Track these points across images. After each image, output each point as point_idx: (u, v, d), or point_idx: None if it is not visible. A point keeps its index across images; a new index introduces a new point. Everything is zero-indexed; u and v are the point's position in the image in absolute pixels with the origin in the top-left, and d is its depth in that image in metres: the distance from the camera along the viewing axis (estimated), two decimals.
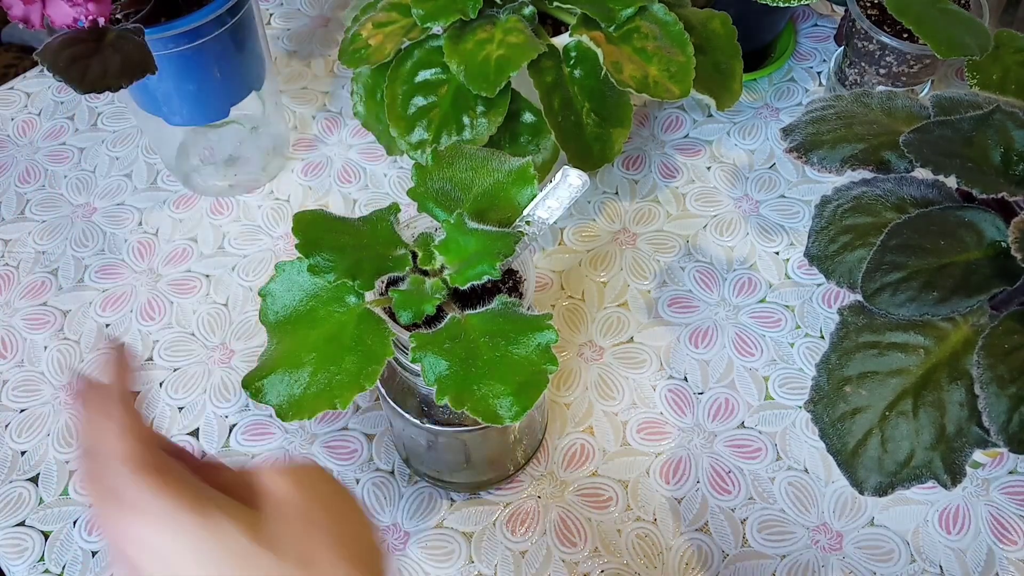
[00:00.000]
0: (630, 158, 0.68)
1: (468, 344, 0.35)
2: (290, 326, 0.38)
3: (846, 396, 0.38)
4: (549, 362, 0.34)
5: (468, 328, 0.36)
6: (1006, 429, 0.35)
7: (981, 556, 0.49)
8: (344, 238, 0.38)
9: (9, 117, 0.72)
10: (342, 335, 0.37)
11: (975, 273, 0.38)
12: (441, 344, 0.35)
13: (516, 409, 0.33)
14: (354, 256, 0.37)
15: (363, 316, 0.37)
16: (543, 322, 0.35)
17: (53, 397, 0.56)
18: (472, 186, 0.41)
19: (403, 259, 0.39)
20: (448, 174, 0.41)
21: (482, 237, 0.38)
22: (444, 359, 0.35)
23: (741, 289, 0.60)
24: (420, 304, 0.37)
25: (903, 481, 0.37)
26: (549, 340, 0.35)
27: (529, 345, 0.35)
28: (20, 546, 0.50)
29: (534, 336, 0.35)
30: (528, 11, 0.52)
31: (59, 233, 0.64)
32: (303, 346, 0.37)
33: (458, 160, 0.41)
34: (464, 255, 0.38)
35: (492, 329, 0.36)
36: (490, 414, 0.33)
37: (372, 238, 0.39)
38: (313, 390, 0.36)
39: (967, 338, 0.38)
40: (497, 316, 0.36)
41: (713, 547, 0.50)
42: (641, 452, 0.53)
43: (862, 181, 0.43)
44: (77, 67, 0.47)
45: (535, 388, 0.34)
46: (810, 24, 0.77)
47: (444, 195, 0.40)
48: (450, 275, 0.38)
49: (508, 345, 0.35)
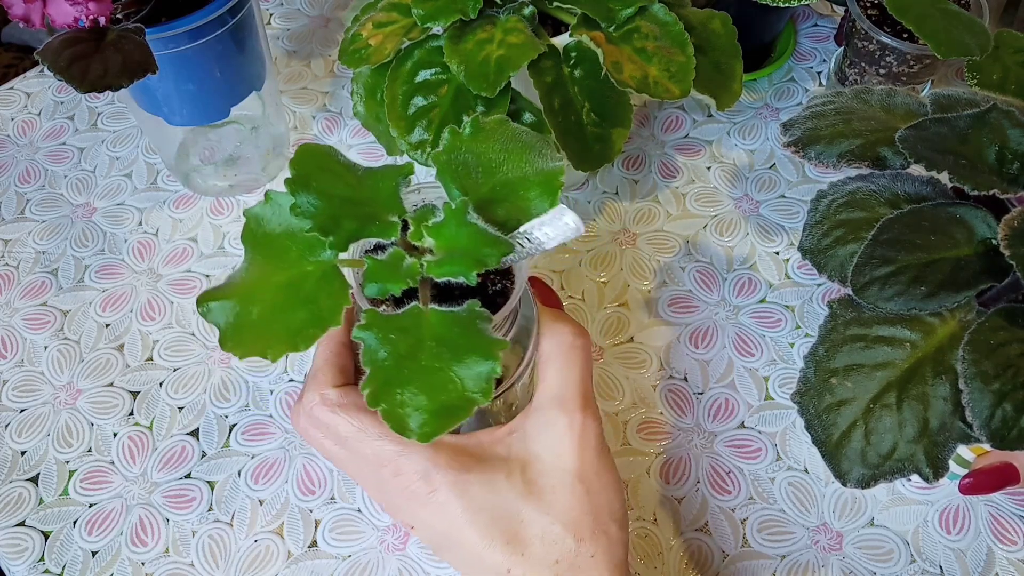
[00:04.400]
0: (630, 158, 0.68)
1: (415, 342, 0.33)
2: (261, 258, 0.35)
3: (832, 388, 0.39)
4: (482, 393, 0.31)
5: (425, 324, 0.33)
6: (989, 424, 0.35)
7: (981, 556, 0.49)
8: (340, 186, 0.35)
9: (9, 117, 0.72)
10: (302, 286, 0.34)
11: (964, 269, 0.38)
12: (389, 330, 0.33)
13: (427, 430, 0.31)
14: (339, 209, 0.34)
15: (329, 273, 0.34)
16: (494, 351, 0.32)
17: (53, 397, 0.56)
18: (497, 171, 0.37)
19: (392, 227, 0.35)
20: (481, 148, 0.37)
21: (475, 235, 0.34)
22: (385, 348, 0.32)
23: (741, 289, 0.60)
24: (389, 281, 0.34)
25: (886, 474, 0.37)
26: (491, 371, 0.32)
27: (471, 368, 0.32)
28: (20, 546, 0.50)
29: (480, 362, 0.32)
30: (528, 11, 0.52)
31: (59, 233, 0.64)
32: (263, 284, 0.35)
33: (497, 136, 0.37)
34: (452, 246, 0.35)
35: (446, 335, 0.33)
36: (400, 425, 0.31)
37: (369, 194, 0.36)
38: (251, 332, 0.33)
39: (954, 333, 0.38)
40: (458, 322, 0.33)
41: (713, 547, 0.50)
42: (641, 452, 0.53)
43: (858, 176, 0.43)
44: (78, 66, 0.47)
45: (455, 416, 0.31)
46: (810, 24, 0.77)
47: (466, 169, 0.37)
48: (428, 262, 0.35)
49: (452, 359, 0.32)
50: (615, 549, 0.38)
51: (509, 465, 0.38)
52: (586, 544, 0.37)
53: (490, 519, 0.36)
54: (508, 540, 0.36)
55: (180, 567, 0.49)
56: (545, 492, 0.37)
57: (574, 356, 0.39)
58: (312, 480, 0.52)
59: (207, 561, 0.50)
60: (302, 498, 0.52)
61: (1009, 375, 0.35)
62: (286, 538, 0.50)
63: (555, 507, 0.37)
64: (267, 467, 0.53)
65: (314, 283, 0.34)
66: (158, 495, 0.52)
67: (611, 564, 0.37)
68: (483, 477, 0.37)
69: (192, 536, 0.50)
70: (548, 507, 0.37)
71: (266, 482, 0.52)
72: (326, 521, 0.51)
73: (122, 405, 0.55)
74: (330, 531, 0.51)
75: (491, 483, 0.37)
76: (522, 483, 0.37)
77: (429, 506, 0.37)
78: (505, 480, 0.37)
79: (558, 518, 0.37)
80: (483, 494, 0.37)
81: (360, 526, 0.51)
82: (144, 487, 0.52)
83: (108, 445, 0.54)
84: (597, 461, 0.38)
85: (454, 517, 0.36)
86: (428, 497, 0.37)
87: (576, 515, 0.37)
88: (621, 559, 0.38)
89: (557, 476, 0.37)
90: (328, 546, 0.50)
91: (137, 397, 0.56)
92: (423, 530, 0.38)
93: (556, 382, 0.39)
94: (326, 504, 0.51)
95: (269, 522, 0.51)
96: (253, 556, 0.50)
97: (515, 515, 0.37)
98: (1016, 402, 0.35)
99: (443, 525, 0.37)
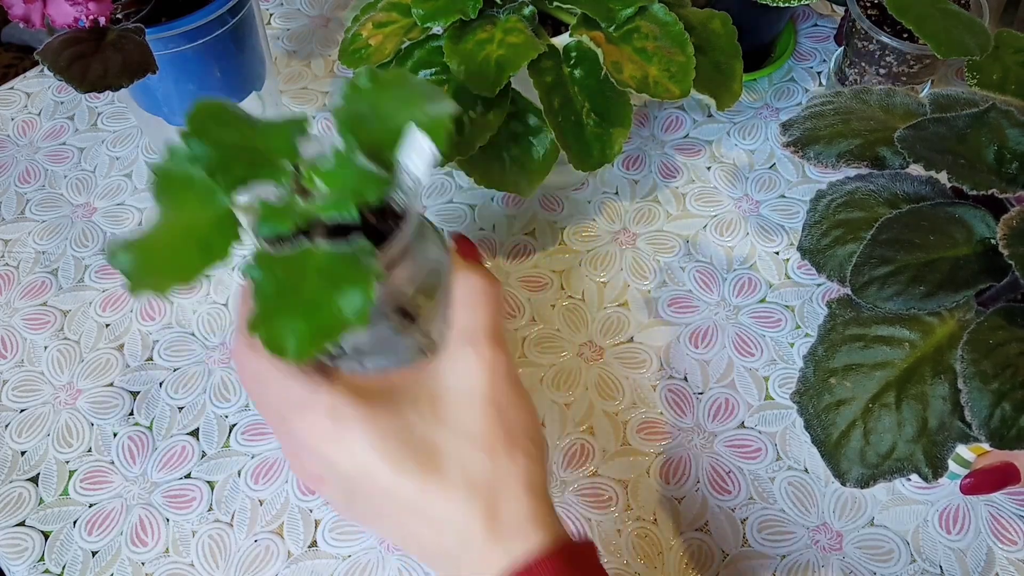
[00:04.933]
0: (630, 158, 0.68)
1: (300, 276, 0.35)
2: (166, 208, 0.37)
3: (831, 388, 0.39)
4: (357, 317, 0.34)
5: (311, 260, 0.35)
6: (988, 424, 0.35)
7: (981, 556, 0.49)
8: (234, 136, 0.37)
9: (9, 117, 0.72)
10: (197, 229, 0.36)
11: (963, 269, 0.38)
12: (276, 267, 0.35)
13: (301, 349, 0.33)
14: (231, 156, 0.36)
15: (222, 216, 0.36)
16: (370, 279, 0.34)
17: (53, 397, 0.56)
18: (391, 119, 0.39)
19: (284, 172, 0.37)
20: (377, 99, 0.39)
21: (359, 174, 0.37)
22: (272, 281, 0.35)
23: (741, 289, 0.60)
24: (280, 221, 0.36)
25: (885, 473, 0.37)
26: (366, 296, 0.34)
27: (348, 295, 0.34)
28: (20, 546, 0.50)
29: (356, 289, 0.34)
30: (528, 11, 0.52)
31: (59, 233, 0.64)
32: (165, 231, 0.37)
33: (394, 87, 0.40)
34: (339, 187, 0.37)
35: (329, 268, 0.35)
36: (278, 347, 0.33)
37: (263, 143, 0.38)
38: (148, 273, 0.36)
39: (952, 333, 0.38)
40: (342, 257, 0.35)
41: (713, 547, 0.50)
42: (641, 452, 0.53)
43: (857, 176, 0.43)
44: (78, 66, 0.47)
45: (328, 335, 0.34)
46: (810, 24, 0.77)
47: (361, 120, 0.39)
48: (320, 201, 0.37)
49: (332, 289, 0.34)
50: (533, 467, 0.38)
51: (419, 398, 0.38)
52: (501, 461, 0.37)
53: (400, 446, 0.36)
54: (420, 465, 0.36)
55: (180, 567, 0.49)
56: (456, 417, 0.37)
57: (484, 299, 0.40)
58: None
59: (207, 561, 0.50)
60: (302, 498, 0.52)
61: (1008, 375, 0.36)
62: (286, 538, 0.50)
63: (466, 429, 0.37)
64: (267, 467, 0.53)
65: (208, 226, 0.36)
66: (158, 495, 0.52)
67: (529, 482, 0.37)
68: (392, 408, 0.37)
69: (192, 536, 0.50)
70: (459, 430, 0.37)
71: (266, 482, 0.52)
72: (326, 521, 0.51)
73: (122, 405, 0.55)
74: (330, 531, 0.51)
75: (400, 414, 0.37)
76: (432, 412, 0.37)
77: (338, 443, 0.37)
78: (415, 410, 0.37)
79: (470, 439, 0.37)
80: (392, 424, 0.37)
81: (360, 526, 0.51)
82: (144, 487, 0.52)
83: (108, 445, 0.54)
84: (508, 387, 0.39)
85: (363, 450, 0.36)
86: (336, 433, 0.37)
87: (489, 435, 0.37)
88: (539, 478, 0.38)
89: (467, 401, 0.38)
90: (328, 546, 0.50)
91: (137, 397, 0.56)
92: (333, 479, 0.38)
93: (466, 322, 0.39)
94: (326, 504, 0.51)
95: (269, 522, 0.51)
96: (253, 556, 0.50)
97: (426, 441, 0.37)
98: (1015, 401, 0.35)
99: (352, 462, 0.37)
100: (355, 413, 0.37)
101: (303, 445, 0.38)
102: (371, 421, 0.37)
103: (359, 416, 0.37)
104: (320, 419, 0.37)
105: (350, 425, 0.36)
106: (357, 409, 0.37)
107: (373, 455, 0.36)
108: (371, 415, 0.37)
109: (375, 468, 0.36)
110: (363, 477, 0.37)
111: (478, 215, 0.65)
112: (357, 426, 0.36)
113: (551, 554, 0.36)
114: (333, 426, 0.37)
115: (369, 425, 0.36)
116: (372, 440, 0.36)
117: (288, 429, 0.38)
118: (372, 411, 0.37)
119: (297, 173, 0.37)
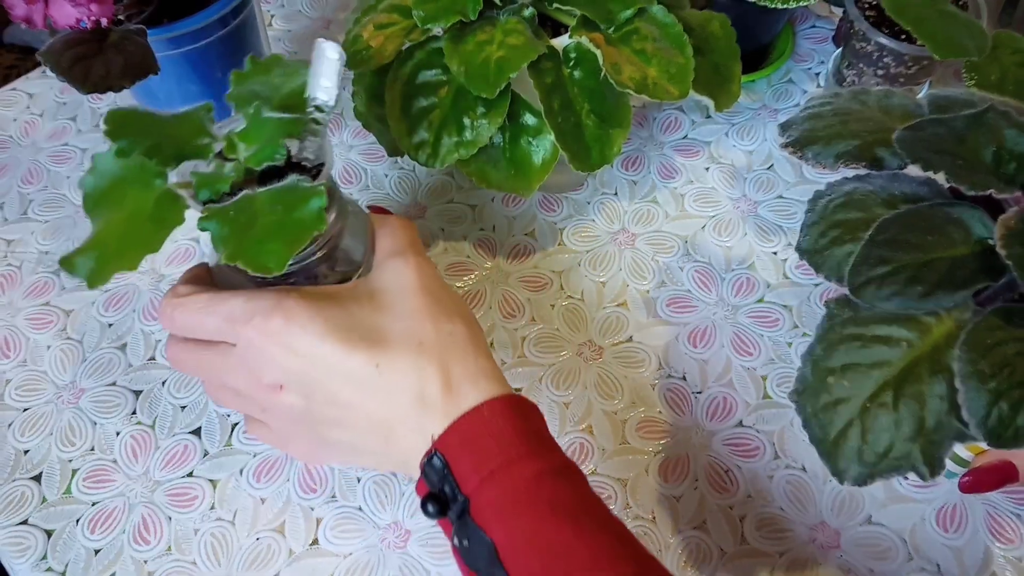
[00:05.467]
0: (629, 159, 0.68)
1: (251, 213, 0.39)
2: (103, 210, 0.41)
3: (829, 387, 0.39)
4: (317, 220, 0.38)
5: (257, 201, 0.40)
6: (985, 423, 0.35)
7: (978, 555, 0.50)
8: (153, 127, 0.42)
9: (11, 118, 0.72)
10: (142, 212, 0.40)
11: (960, 269, 0.38)
12: (227, 213, 0.39)
13: (281, 257, 0.37)
14: (158, 141, 0.41)
15: (163, 196, 0.40)
16: (316, 190, 0.39)
17: (56, 396, 0.56)
18: (281, 89, 0.45)
19: (207, 148, 0.42)
20: (264, 79, 0.45)
21: (275, 124, 0.42)
22: (227, 225, 0.38)
23: (739, 289, 0.61)
24: (215, 183, 0.40)
25: (882, 472, 0.37)
26: (318, 205, 0.38)
27: (303, 210, 0.38)
28: (23, 545, 0.50)
29: (307, 202, 0.39)
30: (528, 13, 0.53)
31: (62, 233, 0.64)
32: (110, 225, 0.40)
33: (275, 68, 0.45)
34: (260, 140, 0.42)
35: (275, 199, 0.39)
36: (259, 264, 0.37)
37: (179, 129, 0.42)
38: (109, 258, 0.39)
39: (950, 333, 0.38)
40: (282, 191, 0.40)
41: (711, 545, 0.50)
42: (640, 451, 0.54)
43: (855, 177, 0.44)
44: (80, 67, 0.47)
45: (301, 237, 0.38)
46: (808, 25, 0.78)
47: (255, 96, 0.44)
48: (246, 157, 0.42)
49: (285, 211, 0.39)
50: (474, 332, 0.43)
51: (359, 296, 0.43)
52: (444, 327, 0.42)
53: (349, 331, 0.40)
54: (369, 345, 0.40)
55: (182, 565, 0.50)
56: (395, 304, 0.42)
57: (402, 231, 0.46)
58: (313, 478, 0.53)
59: (209, 559, 0.50)
60: (303, 496, 0.52)
61: (1005, 374, 0.36)
62: (287, 536, 0.51)
63: (406, 310, 0.42)
64: (269, 465, 0.53)
65: (153, 204, 0.40)
66: (160, 494, 0.52)
67: (474, 343, 0.42)
68: (334, 303, 0.41)
69: (194, 534, 0.51)
70: (400, 313, 0.42)
71: (268, 480, 0.53)
72: (327, 519, 0.51)
73: (124, 404, 0.56)
74: (331, 529, 0.51)
75: (343, 306, 0.41)
76: (372, 305, 0.42)
77: (291, 336, 0.40)
78: (357, 304, 0.42)
79: (411, 316, 0.42)
80: (339, 313, 0.41)
81: (361, 524, 0.51)
82: (146, 486, 0.52)
83: (111, 444, 0.54)
84: (437, 282, 0.44)
85: (316, 338, 0.40)
86: (288, 327, 0.40)
87: (427, 310, 0.42)
88: (482, 342, 0.43)
89: (402, 292, 0.43)
90: (329, 544, 0.50)
91: (139, 396, 0.56)
92: (291, 381, 0.41)
93: (389, 245, 0.45)
94: (327, 502, 0.52)
95: (271, 520, 0.51)
96: (255, 554, 0.50)
97: (371, 325, 0.41)
98: (1012, 401, 0.35)
99: (307, 351, 0.40)
100: (303, 309, 0.40)
101: (258, 355, 0.41)
102: (319, 313, 0.41)
103: (307, 311, 0.40)
104: (272, 320, 0.40)
105: (300, 319, 0.40)
106: (305, 306, 0.41)
107: (326, 341, 0.40)
108: (318, 309, 0.41)
109: (328, 352, 0.40)
110: (318, 365, 0.40)
111: (478, 215, 0.65)
112: (307, 319, 0.40)
113: (500, 399, 0.40)
114: (285, 323, 0.40)
115: (318, 317, 0.40)
116: (322, 329, 0.40)
117: (242, 353, 0.41)
118: (319, 306, 0.41)
119: (217, 144, 0.42)
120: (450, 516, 0.39)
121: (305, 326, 0.40)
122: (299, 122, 0.42)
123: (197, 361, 0.44)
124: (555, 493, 0.38)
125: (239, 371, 0.42)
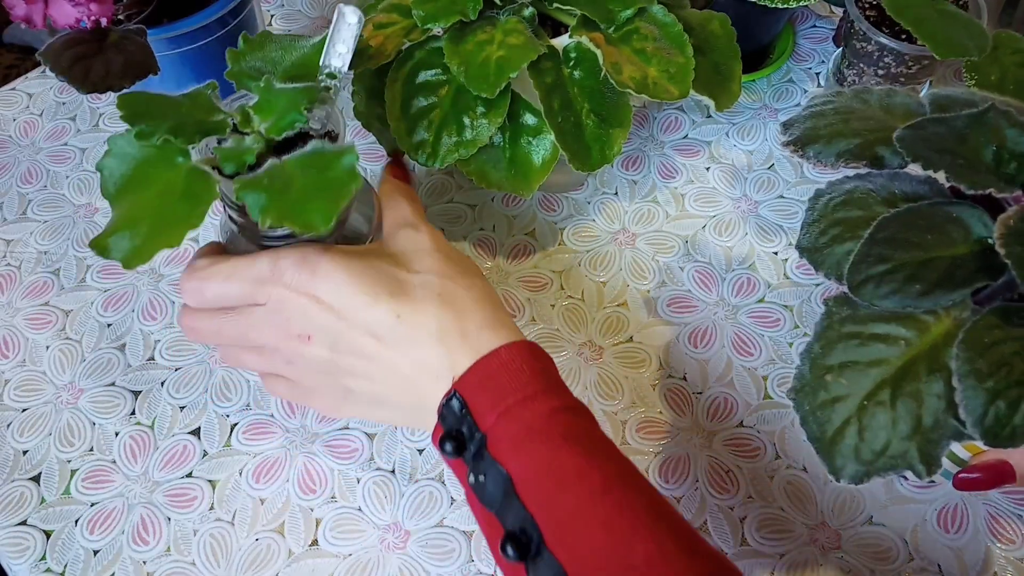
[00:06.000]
0: (629, 159, 0.68)
1: (285, 180, 0.40)
2: (128, 193, 0.41)
3: (827, 385, 0.39)
4: (353, 179, 0.39)
5: (287, 167, 0.40)
6: (982, 422, 0.35)
7: (979, 555, 0.49)
8: (167, 108, 0.43)
9: (11, 118, 0.72)
10: (173, 190, 0.40)
11: (960, 268, 0.38)
12: (261, 182, 0.40)
13: (328, 213, 0.38)
14: (178, 120, 0.41)
15: (191, 172, 0.41)
16: (347, 150, 0.40)
17: (55, 397, 0.56)
18: (283, 62, 0.46)
19: (223, 123, 0.43)
20: (260, 55, 0.46)
21: (289, 93, 0.43)
22: (264, 192, 0.39)
23: (740, 289, 0.60)
24: (241, 156, 0.41)
25: (879, 470, 0.37)
26: (351, 161, 0.39)
27: (337, 169, 0.39)
28: (21, 545, 0.50)
29: (340, 161, 0.39)
30: (528, 12, 0.53)
31: (61, 233, 0.64)
32: (139, 205, 0.41)
33: (269, 44, 0.47)
34: (276, 111, 0.43)
35: (305, 164, 0.40)
36: (307, 224, 0.38)
37: (192, 108, 0.43)
38: (150, 236, 0.40)
39: (948, 331, 0.38)
40: (310, 155, 0.41)
41: (712, 545, 0.50)
42: (640, 451, 0.53)
43: (856, 176, 0.43)
44: (80, 67, 0.47)
45: (341, 197, 0.39)
46: (809, 25, 0.78)
47: (258, 71, 0.45)
48: (266, 128, 0.43)
49: (318, 173, 0.40)
50: (488, 288, 0.45)
51: (381, 254, 0.45)
52: (460, 281, 0.44)
53: (373, 281, 0.43)
54: (392, 294, 0.43)
55: (181, 566, 0.50)
56: (411, 263, 0.45)
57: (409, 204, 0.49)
58: (313, 479, 0.53)
59: (208, 560, 0.50)
60: (303, 497, 0.52)
61: (1003, 373, 0.36)
62: (287, 537, 0.51)
63: (423, 268, 0.45)
64: (268, 466, 0.53)
65: (183, 181, 0.40)
66: (159, 494, 0.52)
67: (489, 297, 0.45)
68: (357, 257, 0.44)
69: (193, 535, 0.51)
70: (419, 269, 0.44)
71: (267, 481, 0.53)
72: (327, 520, 0.51)
73: (123, 404, 0.56)
74: (331, 530, 0.51)
75: (366, 259, 0.44)
76: (394, 261, 0.45)
77: (317, 286, 0.42)
78: (377, 259, 0.44)
79: (430, 272, 0.44)
80: (363, 265, 0.43)
81: (361, 525, 0.51)
82: (146, 486, 0.52)
83: (110, 444, 0.54)
84: (448, 246, 0.47)
85: (341, 287, 0.42)
86: (314, 278, 0.42)
87: (444, 268, 0.45)
88: (496, 297, 0.45)
89: (417, 253, 0.45)
90: (329, 545, 0.50)
91: (139, 396, 0.56)
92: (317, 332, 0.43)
93: (398, 216, 0.48)
94: (327, 503, 0.52)
95: (270, 521, 0.51)
96: (254, 555, 0.50)
97: (393, 276, 0.44)
98: (1009, 400, 0.35)
99: (332, 300, 0.42)
100: (328, 262, 0.43)
101: (288, 308, 0.43)
102: (344, 264, 0.43)
103: (332, 263, 0.43)
104: (301, 273, 0.43)
105: (327, 269, 0.42)
106: (329, 258, 0.43)
107: (350, 290, 0.42)
108: (344, 260, 0.43)
109: (354, 302, 0.42)
110: (343, 316, 0.42)
111: (478, 215, 0.65)
112: (332, 269, 0.42)
113: (517, 343, 0.42)
114: (311, 276, 0.42)
115: (343, 267, 0.43)
116: (348, 279, 0.42)
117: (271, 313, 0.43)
118: (343, 260, 0.43)
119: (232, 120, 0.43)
120: (465, 457, 0.41)
121: (331, 276, 0.42)
122: (312, 90, 0.43)
123: (219, 326, 0.45)
124: (568, 427, 0.40)
125: (266, 326, 0.44)
